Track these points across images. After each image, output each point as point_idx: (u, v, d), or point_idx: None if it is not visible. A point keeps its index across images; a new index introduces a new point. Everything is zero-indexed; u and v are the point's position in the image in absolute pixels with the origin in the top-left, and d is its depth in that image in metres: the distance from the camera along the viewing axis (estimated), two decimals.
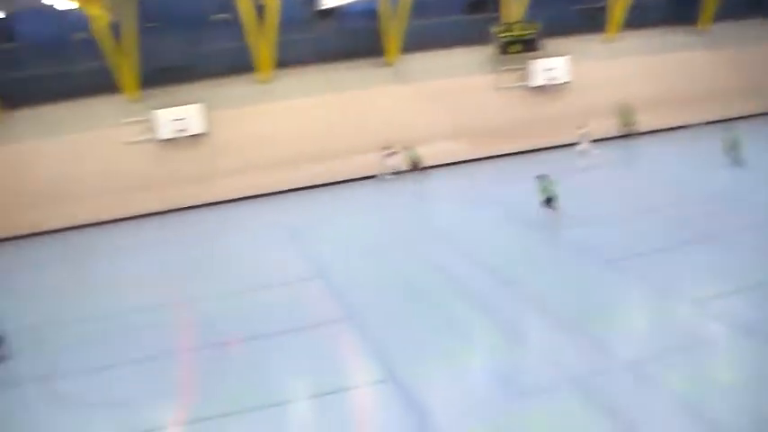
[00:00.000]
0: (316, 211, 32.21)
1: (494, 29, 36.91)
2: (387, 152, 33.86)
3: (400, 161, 34.02)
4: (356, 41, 37.12)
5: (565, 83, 38.51)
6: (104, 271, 27.45)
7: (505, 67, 38.04)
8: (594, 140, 34.77)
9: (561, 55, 38.16)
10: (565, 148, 36.73)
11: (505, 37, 37.06)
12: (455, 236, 25.90)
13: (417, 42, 37.45)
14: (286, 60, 36.35)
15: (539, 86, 38.39)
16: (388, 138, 36.09)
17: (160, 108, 34.74)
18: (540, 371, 15.38)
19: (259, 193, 35.92)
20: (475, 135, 37.60)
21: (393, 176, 32.38)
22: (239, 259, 26.58)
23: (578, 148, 32.91)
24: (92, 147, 34.75)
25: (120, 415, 16.00)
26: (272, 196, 35.77)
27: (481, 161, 36.54)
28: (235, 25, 34.78)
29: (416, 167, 34.60)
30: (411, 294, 20.73)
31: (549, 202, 24.74)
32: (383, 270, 23.00)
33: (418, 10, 35.97)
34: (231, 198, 35.85)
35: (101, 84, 34.74)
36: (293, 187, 36.10)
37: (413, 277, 21.94)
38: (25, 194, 34.27)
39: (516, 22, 37.09)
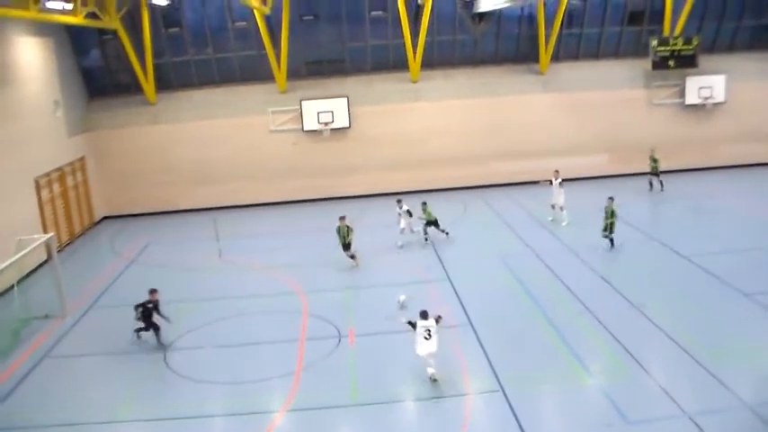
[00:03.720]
0: (450, 213, 31.80)
1: (651, 42, 35.70)
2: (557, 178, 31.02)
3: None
4: (509, 47, 36.76)
5: (720, 103, 36.83)
6: (239, 253, 27.92)
7: (660, 83, 36.73)
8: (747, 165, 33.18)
9: (719, 73, 36.51)
10: (716, 171, 35.43)
11: (663, 51, 35.77)
12: (587, 253, 25.15)
13: (571, 51, 36.83)
14: (436, 61, 36.37)
15: (693, 105, 36.82)
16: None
17: (307, 99, 35.06)
18: (655, 402, 14.80)
19: (395, 190, 35.68)
20: (620, 150, 36.52)
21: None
22: (369, 255, 26.53)
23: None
24: (238, 132, 35.63)
25: (232, 392, 16.73)
26: (407, 195, 35.43)
27: (623, 177, 35.22)
28: (388, 23, 34.92)
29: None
30: (534, 306, 20.39)
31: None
32: (509, 279, 22.68)
33: (576, 18, 35.25)
34: (367, 193, 35.95)
35: (253, 72, 35.86)
36: (429, 188, 35.77)
37: (538, 289, 21.45)
38: (170, 172, 35.73)
39: (676, 37, 35.79)
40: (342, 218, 24.79)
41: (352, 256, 24.86)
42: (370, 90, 35.85)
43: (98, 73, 35.81)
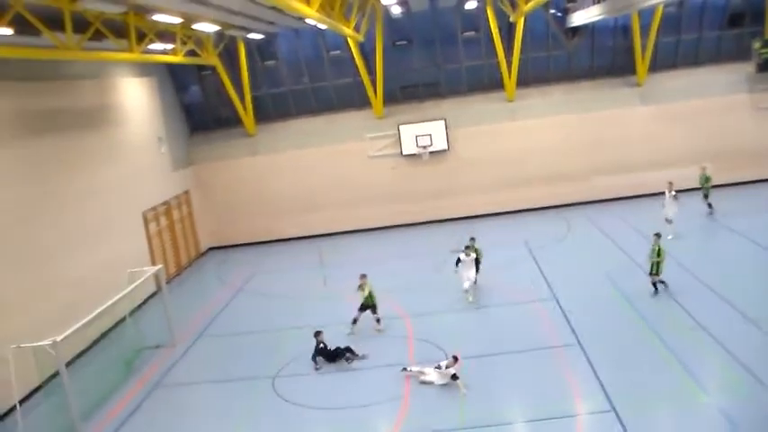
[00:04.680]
0: (551, 232, 31.32)
1: (754, 44, 34.30)
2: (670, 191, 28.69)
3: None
4: (604, 59, 35.90)
5: None
6: (343, 280, 28.01)
7: (765, 86, 35.12)
8: None
9: None
10: None
11: (767, 53, 34.32)
12: (695, 267, 24.15)
13: (669, 60, 35.68)
14: (531, 78, 35.93)
15: None
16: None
17: (405, 124, 35.17)
18: None
19: (497, 210, 35.51)
20: (726, 158, 34.93)
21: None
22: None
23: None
24: (337, 159, 35.99)
25: (341, 418, 16.71)
26: (509, 215, 35.21)
27: (729, 187, 33.64)
28: (481, 43, 34.80)
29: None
30: (643, 323, 19.76)
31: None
32: (617, 296, 22.00)
33: (673, 25, 34.26)
34: (469, 215, 35.69)
35: (349, 99, 36.21)
36: (530, 207, 35.43)
37: (647, 306, 20.73)
38: (272, 202, 36.39)
39: None
40: (363, 276, 21.83)
41: (378, 320, 21.86)
42: (467, 111, 35.64)
43: (198, 108, 36.87)
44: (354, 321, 21.50)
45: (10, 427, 17.89)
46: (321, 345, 19.58)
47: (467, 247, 23.48)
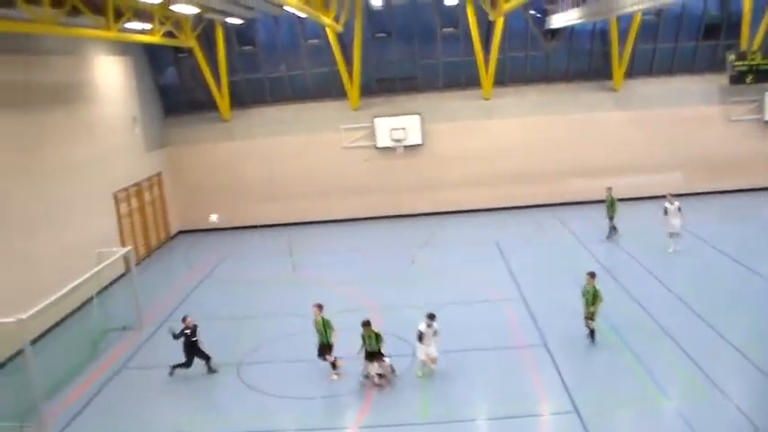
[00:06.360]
0: (521, 232, 31.53)
1: (729, 57, 34.75)
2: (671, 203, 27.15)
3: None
4: (581, 63, 36.15)
5: None
6: (308, 269, 28.08)
7: (737, 99, 35.70)
8: None
9: None
10: None
11: (741, 66, 34.77)
12: (664, 273, 24.54)
13: (645, 67, 36.04)
14: (508, 78, 36.09)
15: None
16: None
17: (380, 116, 35.20)
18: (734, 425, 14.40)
19: (467, 208, 35.69)
20: (695, 168, 35.55)
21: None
22: (442, 271, 26.59)
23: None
24: (311, 149, 35.95)
25: (304, 407, 16.79)
26: (480, 213, 35.41)
27: (699, 195, 34.12)
28: (460, 40, 34.88)
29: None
30: (609, 328, 19.95)
31: None
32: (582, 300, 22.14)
33: (650, 33, 34.60)
34: (440, 210, 35.84)
35: (326, 89, 36.14)
36: (501, 205, 35.62)
37: (614, 310, 20.87)
38: (243, 188, 36.30)
39: (754, 51, 34.74)
40: (318, 306, 18.52)
41: (333, 365, 18.36)
42: (443, 107, 35.73)
43: (174, 90, 36.60)
44: (333, 366, 18.35)
45: None
46: (188, 331, 18.84)
47: (429, 317, 17.79)
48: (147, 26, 26.55)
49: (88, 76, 28.22)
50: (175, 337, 18.82)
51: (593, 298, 18.83)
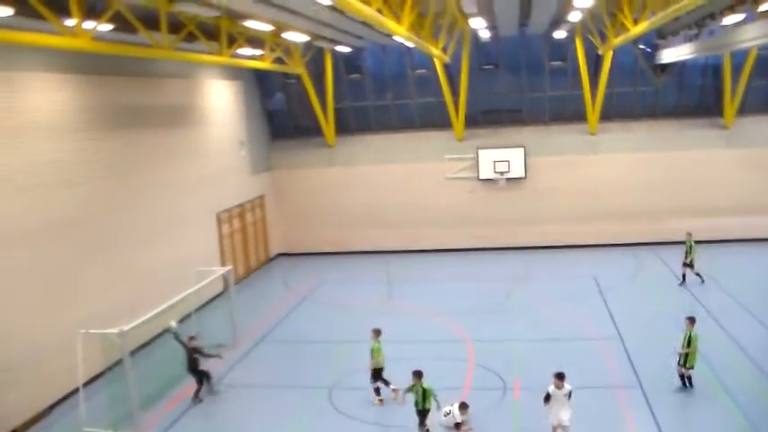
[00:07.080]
0: (621, 269, 30.69)
1: None
2: None
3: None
4: (691, 99, 35.09)
5: None
6: (408, 298, 27.97)
7: None
8: None
9: None
10: None
11: None
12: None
13: (759, 104, 34.45)
14: (615, 113, 35.37)
15: None
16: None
17: (484, 148, 35.06)
18: None
19: (567, 243, 35.02)
20: None
21: None
22: (539, 305, 26.10)
23: None
24: (414, 177, 36.09)
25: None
26: (580, 248, 34.67)
27: None
28: (568, 73, 34.48)
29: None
30: (709, 371, 19.15)
31: None
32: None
33: (765, 69, 33.22)
34: (539, 244, 35.35)
35: (431, 119, 36.26)
36: (602, 242, 34.75)
37: (716, 354, 20.06)
38: (345, 214, 36.70)
39: None
40: (375, 331, 18.84)
41: (377, 390, 18.57)
42: (548, 140, 35.32)
43: (281, 115, 37.48)
44: (377, 392, 18.58)
45: (72, 409, 18.34)
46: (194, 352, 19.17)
47: (558, 377, 15.23)
48: (258, 52, 27.31)
49: (200, 99, 29.19)
50: (176, 337, 19.28)
51: (688, 343, 18.20)
